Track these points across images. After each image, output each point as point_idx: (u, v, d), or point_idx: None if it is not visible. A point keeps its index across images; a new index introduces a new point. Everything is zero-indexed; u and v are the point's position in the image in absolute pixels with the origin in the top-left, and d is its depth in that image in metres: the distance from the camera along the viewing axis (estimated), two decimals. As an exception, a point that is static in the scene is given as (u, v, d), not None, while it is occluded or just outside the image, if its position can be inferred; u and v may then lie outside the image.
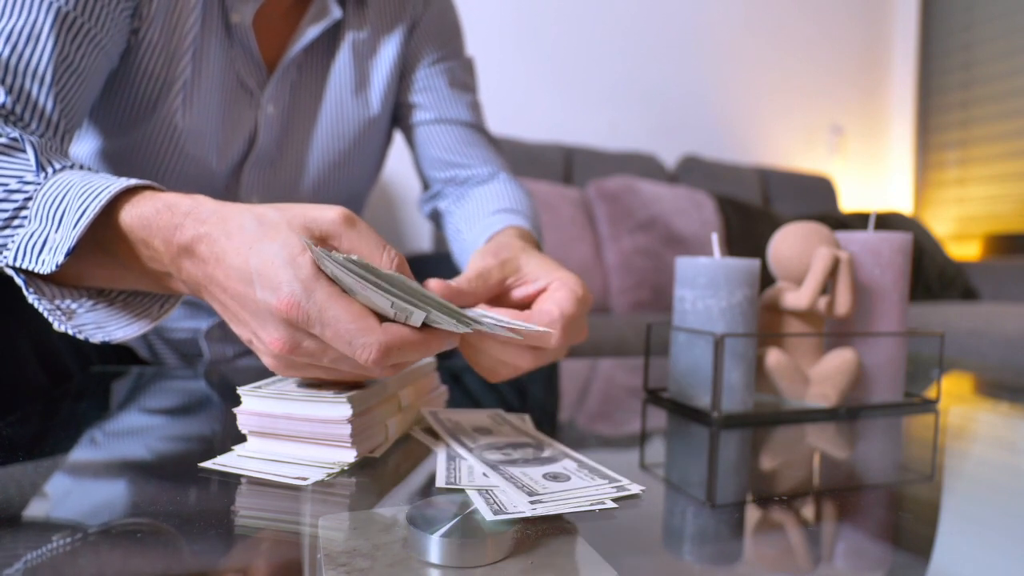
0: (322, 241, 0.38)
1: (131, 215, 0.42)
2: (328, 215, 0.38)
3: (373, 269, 0.35)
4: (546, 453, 0.41)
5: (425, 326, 0.37)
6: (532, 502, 0.33)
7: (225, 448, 0.41)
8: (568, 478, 0.37)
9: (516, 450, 0.42)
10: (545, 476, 0.37)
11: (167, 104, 0.66)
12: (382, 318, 0.36)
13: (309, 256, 0.35)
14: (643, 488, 0.36)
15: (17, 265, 0.44)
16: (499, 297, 0.49)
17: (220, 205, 0.40)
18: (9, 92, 0.52)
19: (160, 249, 0.41)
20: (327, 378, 0.40)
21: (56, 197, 0.44)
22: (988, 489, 0.43)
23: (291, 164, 0.76)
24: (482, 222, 0.74)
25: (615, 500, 0.34)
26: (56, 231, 0.43)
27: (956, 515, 0.37)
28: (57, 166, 0.47)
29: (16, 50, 0.53)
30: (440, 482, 0.37)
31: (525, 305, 0.49)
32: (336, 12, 0.72)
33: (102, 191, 0.42)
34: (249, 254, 0.37)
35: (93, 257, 0.45)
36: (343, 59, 0.75)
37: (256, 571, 0.28)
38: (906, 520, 0.37)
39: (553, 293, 0.46)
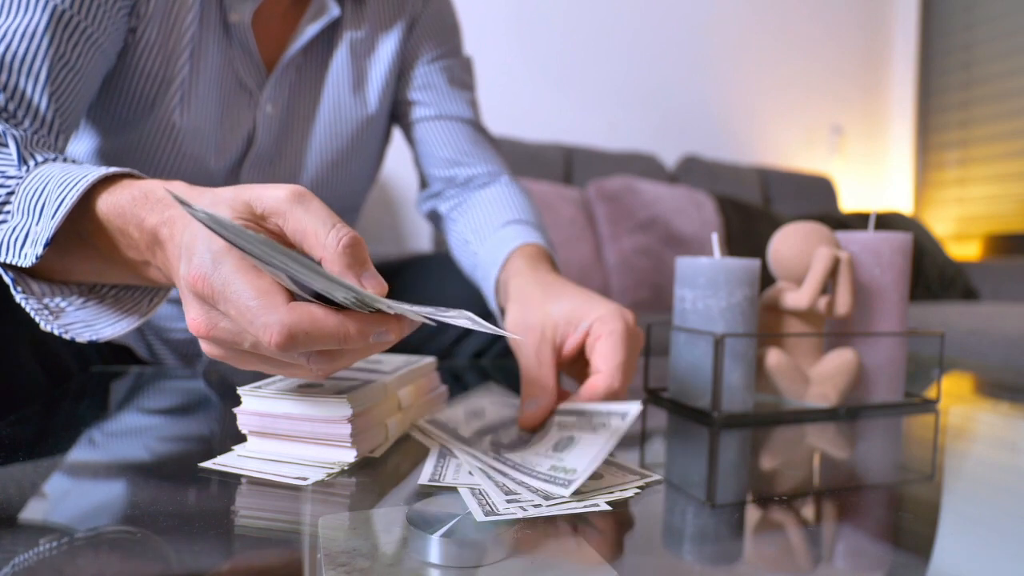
0: (263, 218, 0.35)
1: (107, 204, 0.41)
2: (275, 192, 0.35)
3: (242, 231, 0.29)
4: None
5: (345, 309, 0.32)
6: (570, 492, 0.33)
7: (225, 448, 0.41)
8: (572, 439, 0.37)
9: (512, 426, 0.42)
10: (556, 448, 0.37)
11: (165, 103, 0.65)
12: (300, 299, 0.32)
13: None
14: (644, 402, 0.37)
15: (2, 260, 0.44)
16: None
17: (191, 189, 0.39)
18: (3, 90, 0.52)
19: (135, 236, 0.40)
20: (268, 370, 0.36)
21: (36, 189, 0.43)
22: (988, 489, 0.43)
23: (290, 163, 0.76)
24: (494, 236, 0.72)
25: (614, 493, 0.34)
26: (37, 223, 0.43)
27: (956, 515, 0.37)
28: (39, 159, 0.47)
29: (11, 48, 0.52)
30: (424, 479, 0.37)
31: (580, 357, 0.50)
32: (335, 10, 0.72)
33: (80, 180, 0.41)
34: (186, 230, 0.35)
35: (77, 250, 0.45)
36: (341, 58, 0.75)
37: (256, 571, 0.28)
38: (906, 520, 0.37)
39: (601, 355, 0.47)
